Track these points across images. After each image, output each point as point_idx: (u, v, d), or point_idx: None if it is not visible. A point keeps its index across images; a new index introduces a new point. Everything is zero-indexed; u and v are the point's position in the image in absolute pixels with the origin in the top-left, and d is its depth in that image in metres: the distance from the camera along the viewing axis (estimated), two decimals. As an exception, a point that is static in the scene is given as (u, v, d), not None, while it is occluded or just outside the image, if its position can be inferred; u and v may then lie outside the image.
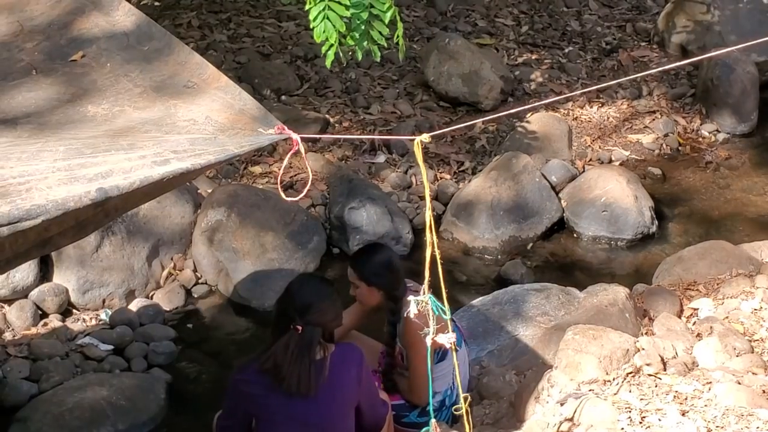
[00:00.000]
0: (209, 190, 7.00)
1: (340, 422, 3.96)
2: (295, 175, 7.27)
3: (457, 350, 3.65)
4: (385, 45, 4.39)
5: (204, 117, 3.44)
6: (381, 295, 4.52)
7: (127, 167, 3.06)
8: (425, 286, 3.33)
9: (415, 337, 4.42)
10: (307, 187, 3.65)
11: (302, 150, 3.26)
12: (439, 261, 3.27)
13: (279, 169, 6.38)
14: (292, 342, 3.84)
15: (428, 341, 3.46)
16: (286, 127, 3.37)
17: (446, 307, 3.34)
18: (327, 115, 8.14)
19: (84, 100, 3.57)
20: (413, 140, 3.25)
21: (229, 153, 3.29)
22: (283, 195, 3.56)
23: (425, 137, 3.27)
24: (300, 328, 3.85)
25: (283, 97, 8.34)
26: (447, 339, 3.47)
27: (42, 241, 3.19)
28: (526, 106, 7.69)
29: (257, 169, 7.46)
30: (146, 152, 3.17)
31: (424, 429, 3.70)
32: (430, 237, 3.30)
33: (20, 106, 3.54)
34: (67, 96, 3.60)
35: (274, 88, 8.37)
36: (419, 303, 3.37)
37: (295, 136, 3.28)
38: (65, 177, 3.00)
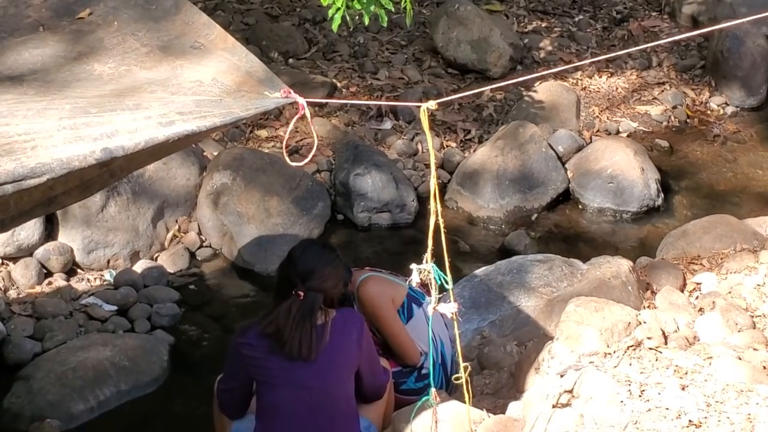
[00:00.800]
0: (215, 153, 6.99)
1: (339, 386, 3.97)
2: (301, 140, 7.26)
3: (459, 320, 3.66)
4: (393, 9, 4.36)
5: (210, 78, 3.42)
6: None
7: (132, 128, 3.05)
8: (428, 254, 3.32)
9: (374, 304, 4.46)
10: (312, 152, 3.62)
11: (308, 114, 3.24)
12: (442, 230, 3.27)
13: (285, 134, 6.37)
14: (294, 307, 3.85)
15: (429, 310, 3.46)
16: (292, 91, 3.34)
17: (449, 277, 3.34)
18: (334, 80, 8.11)
19: (90, 58, 3.55)
20: (420, 107, 3.23)
21: (234, 116, 3.27)
22: (288, 159, 3.54)
23: (432, 104, 3.25)
24: (302, 293, 3.87)
25: (291, 60, 8.32)
26: (449, 309, 3.47)
27: (47, 199, 3.19)
28: (535, 74, 7.66)
29: (263, 133, 7.44)
30: (152, 113, 3.15)
31: (424, 397, 3.71)
32: (434, 206, 3.29)
33: (27, 63, 3.52)
34: (74, 54, 3.58)
35: (281, 50, 8.33)
36: (422, 271, 3.37)
37: (302, 101, 3.25)
38: (70, 136, 2.99)
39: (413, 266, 3.34)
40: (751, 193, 7.50)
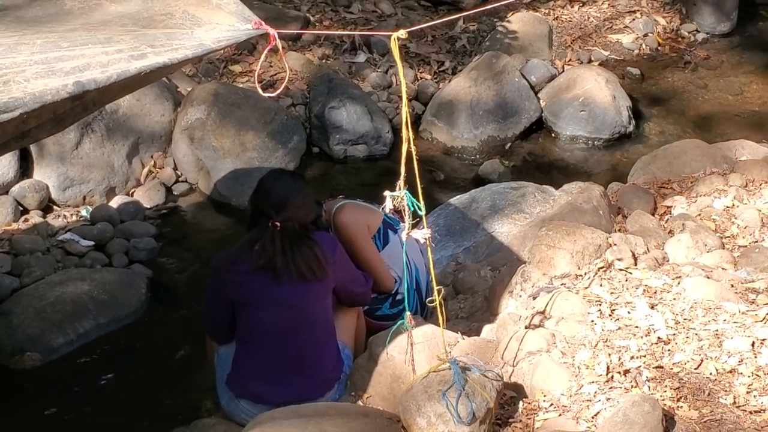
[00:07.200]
0: (189, 89, 6.99)
1: (318, 303, 4.09)
2: (276, 74, 7.26)
3: (432, 246, 3.72)
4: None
5: (181, 11, 3.44)
6: None
7: (104, 61, 3.07)
8: (401, 181, 3.39)
9: (350, 232, 4.51)
10: (284, 84, 3.68)
11: (279, 46, 3.28)
12: (415, 158, 3.32)
13: (258, 67, 6.40)
14: (277, 237, 3.93)
15: (403, 236, 3.53)
16: (263, 23, 3.37)
17: (421, 203, 3.40)
18: (307, 14, 8.09)
19: (60, -7, 3.56)
20: (390, 37, 3.28)
21: (206, 48, 3.29)
22: (260, 90, 3.60)
23: (402, 33, 3.30)
24: (278, 224, 3.94)
25: (264, -5, 8.28)
26: (422, 234, 3.54)
27: (20, 133, 3.21)
28: (506, 1, 7.65)
29: (237, 68, 7.44)
30: (123, 46, 3.17)
31: (399, 321, 3.79)
32: (406, 133, 3.35)
33: (-4, 0, 3.53)
34: (44, -11, 3.58)
35: (254, -15, 8.28)
36: (395, 198, 3.43)
37: (273, 32, 3.29)
38: (42, 70, 3.01)
39: (386, 193, 3.40)
40: (722, 118, 7.58)
